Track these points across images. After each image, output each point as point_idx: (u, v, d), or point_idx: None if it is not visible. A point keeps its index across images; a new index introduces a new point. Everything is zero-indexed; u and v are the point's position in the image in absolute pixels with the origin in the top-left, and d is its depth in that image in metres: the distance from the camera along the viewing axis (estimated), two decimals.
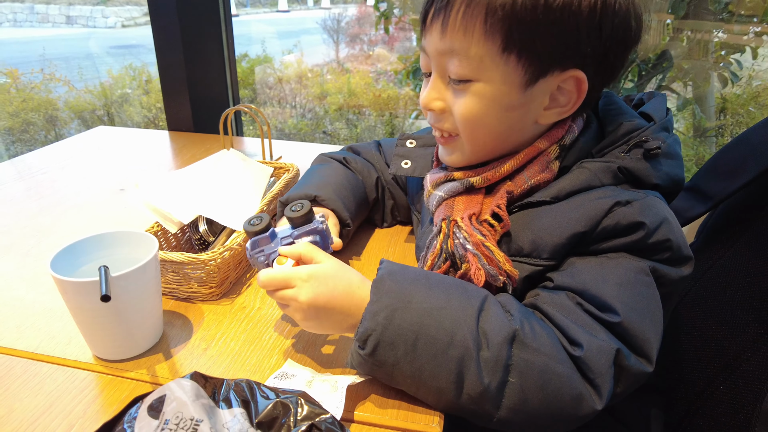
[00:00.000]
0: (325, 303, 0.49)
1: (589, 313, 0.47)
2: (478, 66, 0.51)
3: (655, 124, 0.54)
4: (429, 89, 0.56)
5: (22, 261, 0.74)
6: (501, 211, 0.52)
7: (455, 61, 0.51)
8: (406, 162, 0.70)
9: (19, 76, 3.04)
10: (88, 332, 0.54)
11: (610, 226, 0.48)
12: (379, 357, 0.45)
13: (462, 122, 0.54)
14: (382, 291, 0.46)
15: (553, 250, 0.50)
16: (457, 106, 0.54)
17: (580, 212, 0.49)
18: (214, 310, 0.64)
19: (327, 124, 3.25)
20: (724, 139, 2.45)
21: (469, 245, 0.51)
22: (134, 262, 0.52)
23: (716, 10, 2.02)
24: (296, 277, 0.50)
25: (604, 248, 0.50)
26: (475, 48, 0.50)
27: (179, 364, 0.55)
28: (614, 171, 0.52)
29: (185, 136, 1.30)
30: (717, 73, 2.13)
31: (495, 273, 0.50)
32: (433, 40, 0.53)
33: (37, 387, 0.52)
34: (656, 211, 0.49)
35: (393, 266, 0.50)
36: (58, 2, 7.16)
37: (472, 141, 0.56)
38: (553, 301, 0.49)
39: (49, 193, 0.96)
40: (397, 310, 0.45)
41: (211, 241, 0.72)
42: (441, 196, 0.58)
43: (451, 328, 0.44)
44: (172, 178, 0.76)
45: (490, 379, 0.43)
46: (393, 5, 2.64)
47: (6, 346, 0.57)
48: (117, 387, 0.52)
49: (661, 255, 0.49)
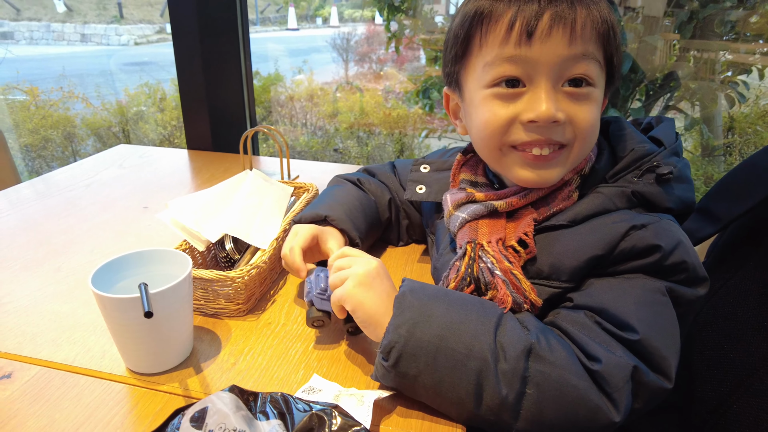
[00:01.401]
0: (382, 276, 0.55)
1: (607, 331, 0.49)
2: (600, 72, 0.55)
3: (665, 149, 0.56)
4: (547, 100, 0.52)
5: (54, 276, 0.77)
6: (528, 238, 0.54)
7: (584, 64, 0.53)
8: (421, 187, 0.72)
9: (38, 94, 3.13)
10: (124, 346, 0.57)
11: (627, 248, 0.50)
12: (402, 368, 0.48)
13: (585, 129, 0.54)
14: (404, 306, 0.49)
15: (572, 272, 0.52)
16: (582, 113, 0.54)
17: (598, 236, 0.51)
18: (241, 325, 0.66)
19: (338, 142, 3.30)
20: (732, 158, 2.47)
21: (498, 271, 0.53)
22: (167, 278, 0.55)
23: (723, 32, 2.05)
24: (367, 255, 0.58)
25: (621, 270, 0.52)
26: (599, 54, 0.54)
27: (210, 378, 0.57)
28: (628, 195, 0.54)
29: (204, 155, 1.34)
30: (724, 94, 2.16)
31: (521, 300, 0.52)
32: (555, 46, 0.51)
33: (76, 398, 0.54)
34: (671, 234, 0.51)
35: (414, 284, 0.53)
36: (73, 21, 7.34)
37: (581, 151, 0.56)
38: (571, 319, 0.51)
39: (75, 210, 1.00)
40: (418, 323, 0.48)
41: (237, 258, 0.74)
42: (464, 218, 0.60)
43: (469, 341, 0.47)
44: (199, 198, 0.79)
45: (508, 390, 0.45)
46: (404, 26, 2.70)
47: (44, 358, 0.60)
48: (151, 400, 0.54)
49: (677, 276, 0.51)
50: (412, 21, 2.73)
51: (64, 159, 3.10)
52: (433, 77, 2.73)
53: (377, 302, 0.53)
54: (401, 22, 2.72)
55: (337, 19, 6.95)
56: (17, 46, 6.75)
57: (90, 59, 6.76)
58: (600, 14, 0.53)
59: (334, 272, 0.58)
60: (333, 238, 0.71)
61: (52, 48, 7.09)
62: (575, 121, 0.54)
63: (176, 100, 3.25)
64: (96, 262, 0.80)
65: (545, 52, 0.52)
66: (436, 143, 3.14)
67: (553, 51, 0.52)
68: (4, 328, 0.65)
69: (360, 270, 0.54)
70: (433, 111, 2.81)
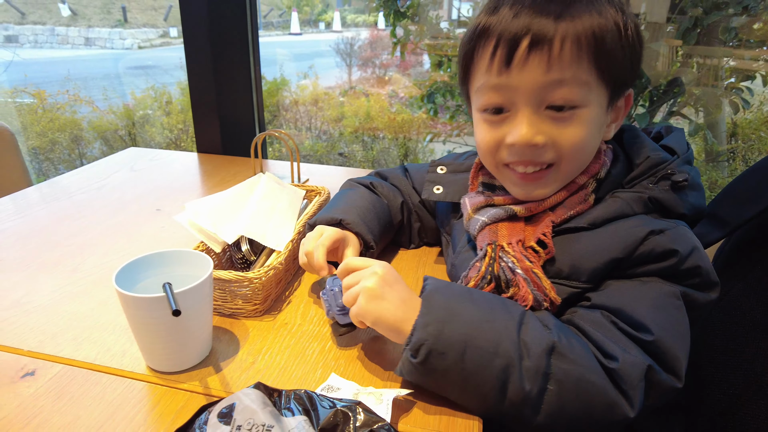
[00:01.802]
0: (393, 281, 0.54)
1: (622, 331, 0.51)
2: (585, 93, 0.54)
3: (678, 158, 0.59)
4: (527, 125, 0.55)
5: (71, 277, 0.78)
6: (546, 238, 0.56)
7: (564, 90, 0.53)
8: (438, 188, 0.74)
9: (46, 97, 3.15)
10: (147, 345, 0.58)
11: (645, 252, 0.52)
12: (430, 365, 0.49)
13: (570, 150, 0.56)
14: (431, 304, 0.51)
15: (591, 273, 0.54)
16: (566, 135, 0.55)
17: (617, 240, 0.53)
18: (258, 326, 0.67)
19: (343, 146, 3.32)
20: (736, 164, 2.48)
21: (519, 270, 0.55)
22: (187, 279, 0.56)
23: (727, 38, 2.07)
24: (372, 261, 0.57)
25: (638, 272, 0.54)
26: (584, 75, 0.53)
27: (229, 376, 0.58)
28: (645, 201, 0.56)
29: (214, 158, 1.35)
30: (729, 100, 2.17)
31: (541, 299, 0.54)
32: (532, 74, 0.53)
33: (99, 396, 0.55)
34: (687, 240, 0.53)
35: (438, 282, 0.54)
36: (78, 24, 7.39)
37: (571, 168, 0.58)
38: (588, 318, 0.53)
39: (88, 213, 1.01)
40: (446, 322, 0.49)
41: (253, 260, 0.76)
42: (484, 221, 0.61)
43: (495, 339, 0.48)
44: (215, 200, 0.80)
45: (531, 386, 0.47)
46: (409, 32, 2.72)
47: (66, 356, 0.61)
48: (173, 398, 0.55)
49: (691, 280, 0.53)
50: (417, 27, 2.76)
51: (71, 162, 3.12)
52: (438, 82, 2.75)
53: (394, 310, 0.53)
54: (407, 27, 2.74)
55: (340, 24, 7.00)
56: (22, 49, 6.80)
57: (94, 63, 6.80)
58: (592, 23, 0.52)
59: (344, 290, 0.58)
60: (352, 245, 0.72)
61: (56, 51, 7.14)
62: (558, 142, 0.56)
63: (182, 104, 3.27)
64: (111, 264, 0.82)
65: (523, 79, 0.54)
66: (440, 147, 3.16)
67: (531, 78, 0.54)
68: (25, 327, 0.66)
69: (369, 284, 0.54)
70: (437, 115, 2.82)
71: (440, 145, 3.15)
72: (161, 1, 7.82)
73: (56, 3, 7.38)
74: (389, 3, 2.66)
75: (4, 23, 7.04)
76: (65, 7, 7.40)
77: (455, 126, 3.07)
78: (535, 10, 0.52)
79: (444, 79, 2.78)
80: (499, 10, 0.54)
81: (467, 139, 3.16)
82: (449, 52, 2.79)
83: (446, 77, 2.78)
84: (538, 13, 0.52)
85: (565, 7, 0.52)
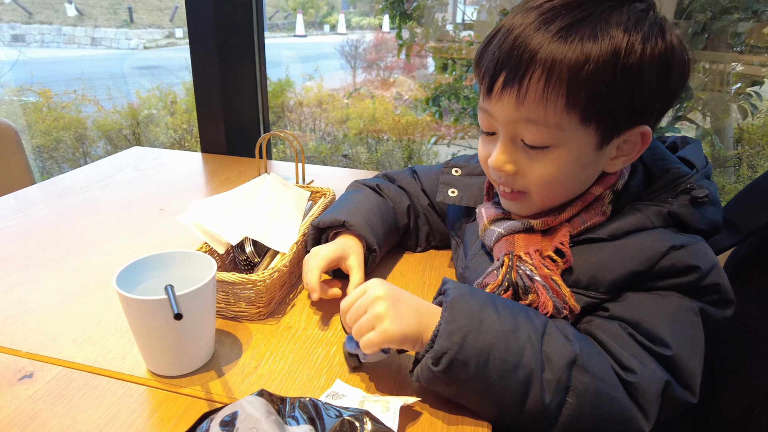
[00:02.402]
0: (398, 295, 0.53)
1: (640, 343, 0.51)
2: (557, 134, 0.52)
3: (698, 172, 0.58)
4: (499, 152, 0.56)
5: (73, 277, 0.77)
6: (564, 247, 0.55)
7: (532, 129, 0.52)
8: (453, 190, 0.73)
9: (51, 96, 3.15)
10: (147, 348, 0.57)
11: (666, 266, 0.52)
12: (452, 374, 0.48)
13: (539, 185, 0.56)
14: (455, 312, 0.49)
15: (610, 284, 0.53)
16: (534, 170, 0.55)
17: (637, 252, 0.52)
18: (262, 329, 0.66)
19: (347, 147, 3.31)
20: (742, 169, 2.46)
21: (537, 277, 0.54)
22: (189, 281, 0.55)
23: (735, 44, 2.05)
24: (366, 284, 0.55)
25: (658, 286, 0.53)
26: (555, 118, 0.51)
27: (232, 382, 0.57)
28: (665, 215, 0.55)
29: (219, 159, 1.34)
30: (737, 105, 2.16)
31: (561, 306, 0.53)
32: (505, 108, 0.53)
33: (98, 400, 0.54)
34: (708, 257, 0.53)
35: (461, 288, 0.52)
36: (84, 24, 7.43)
37: (544, 199, 0.58)
38: (607, 328, 0.52)
39: (92, 211, 1.00)
40: (470, 332, 0.48)
41: (257, 262, 0.74)
42: (500, 232, 0.60)
43: (518, 350, 0.47)
44: (219, 201, 0.79)
45: (550, 398, 0.47)
46: (415, 34, 2.72)
47: (66, 359, 0.60)
48: (173, 403, 0.54)
49: (709, 297, 0.53)
50: (423, 29, 2.75)
51: (75, 160, 3.12)
52: (443, 85, 2.74)
53: (414, 323, 0.51)
54: (413, 30, 2.73)
55: (345, 26, 7.01)
56: (28, 48, 6.84)
57: (100, 62, 6.83)
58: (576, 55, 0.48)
59: (351, 325, 0.55)
60: (354, 254, 0.71)
61: (62, 51, 7.17)
62: (527, 175, 0.56)
63: (187, 104, 3.27)
64: (114, 263, 0.81)
65: (498, 111, 0.54)
66: (444, 150, 3.14)
67: (504, 112, 0.54)
68: (24, 328, 0.65)
69: (380, 309, 0.52)
70: (442, 118, 2.81)
71: (444, 147, 3.14)
72: (167, 2, 7.85)
73: (63, 3, 7.42)
74: (396, 5, 2.65)
75: (12, 22, 7.08)
76: (72, 7, 7.43)
77: (459, 128, 3.06)
78: (522, 37, 0.50)
79: (449, 82, 2.77)
80: (497, 34, 0.54)
81: (471, 141, 3.15)
82: (454, 55, 2.78)
83: (451, 80, 2.77)
84: (524, 42, 0.50)
85: (555, 33, 0.49)
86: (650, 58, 0.50)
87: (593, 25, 0.49)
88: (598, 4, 0.50)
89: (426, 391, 0.55)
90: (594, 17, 0.49)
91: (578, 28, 0.49)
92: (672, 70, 0.52)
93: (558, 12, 0.50)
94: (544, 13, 0.51)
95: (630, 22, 0.50)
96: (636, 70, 0.49)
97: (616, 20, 0.49)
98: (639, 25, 0.50)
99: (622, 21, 0.49)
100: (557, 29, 0.49)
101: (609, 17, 0.50)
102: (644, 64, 0.49)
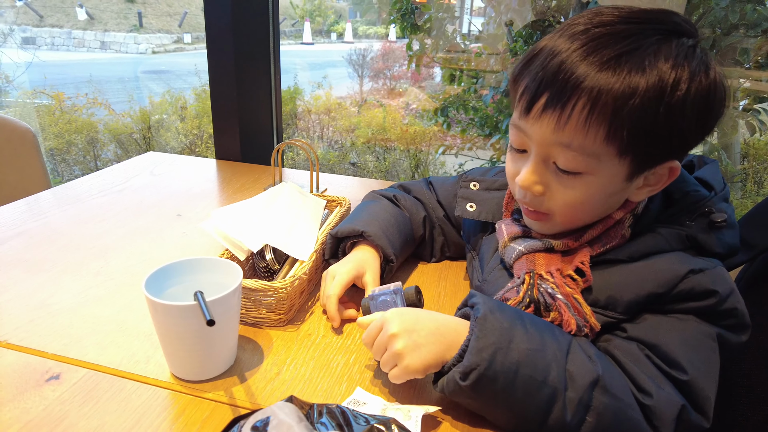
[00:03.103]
0: (413, 324, 0.53)
1: (657, 366, 0.52)
2: (592, 162, 0.52)
3: (716, 195, 0.58)
4: (529, 172, 0.56)
5: (94, 280, 0.79)
6: (585, 267, 0.56)
7: (569, 155, 0.52)
8: (471, 205, 0.74)
9: (64, 99, 3.19)
10: (173, 352, 0.58)
11: (685, 290, 0.52)
12: (478, 390, 0.49)
13: (564, 208, 0.56)
14: (486, 329, 0.50)
15: (628, 305, 0.54)
16: (562, 194, 0.55)
17: (656, 275, 0.53)
18: (282, 336, 0.67)
19: (354, 156, 3.33)
20: (749, 185, 2.47)
21: (559, 295, 0.55)
22: (215, 287, 0.56)
23: (745, 60, 2.07)
24: (381, 317, 0.55)
25: (676, 309, 0.54)
26: (593, 147, 0.51)
27: (254, 387, 0.58)
28: (683, 238, 0.56)
29: (233, 166, 1.36)
30: (744, 121, 2.17)
31: (582, 324, 0.54)
32: (543, 129, 0.53)
33: (124, 402, 0.55)
34: (726, 282, 0.53)
35: (490, 303, 0.53)
36: (94, 28, 7.51)
37: (567, 221, 0.58)
38: (625, 349, 0.53)
39: (110, 215, 1.02)
40: (500, 349, 0.49)
41: (276, 269, 0.76)
42: (520, 250, 0.61)
43: (544, 368, 0.49)
44: (239, 209, 0.81)
45: (571, 417, 0.48)
46: (424, 45, 2.75)
47: (91, 361, 0.61)
48: (197, 407, 0.55)
49: (727, 321, 0.53)
50: (433, 41, 2.78)
51: (86, 164, 3.15)
52: (451, 96, 2.77)
53: (435, 348, 0.52)
54: (422, 41, 2.76)
55: (351, 35, 7.07)
56: (39, 51, 6.91)
57: (108, 66, 6.90)
58: (621, 87, 0.48)
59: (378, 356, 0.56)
60: (370, 270, 0.73)
61: (72, 54, 7.25)
62: (554, 197, 0.56)
63: (197, 109, 3.30)
64: (134, 267, 0.82)
65: (535, 131, 0.54)
66: (452, 160, 3.16)
67: (541, 133, 0.53)
68: (50, 330, 0.66)
69: (398, 346, 0.52)
70: (450, 128, 2.83)
71: (452, 157, 3.16)
72: (176, 8, 7.93)
73: (74, 7, 7.51)
74: (406, 16, 2.68)
75: (23, 25, 7.16)
76: (83, 11, 7.52)
77: (467, 139, 3.08)
78: (569, 62, 0.50)
79: (457, 93, 2.79)
80: (539, 54, 0.53)
81: (479, 152, 3.17)
82: (463, 66, 2.81)
83: (459, 91, 2.80)
84: (570, 67, 0.50)
85: (604, 62, 0.49)
86: (694, 96, 0.49)
87: (642, 57, 0.49)
88: (647, 37, 0.50)
89: (446, 401, 0.55)
90: (642, 50, 0.49)
91: (627, 60, 0.48)
92: (712, 109, 0.52)
93: (606, 41, 0.50)
94: (592, 40, 0.50)
95: (679, 58, 0.49)
96: (680, 107, 0.49)
97: (665, 54, 0.49)
98: (687, 61, 0.49)
99: (671, 56, 0.49)
100: (606, 59, 0.49)
101: (658, 51, 0.49)
102: (688, 102, 0.49)
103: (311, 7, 7.48)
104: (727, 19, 1.95)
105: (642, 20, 0.52)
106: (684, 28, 0.52)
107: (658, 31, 0.51)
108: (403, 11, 2.65)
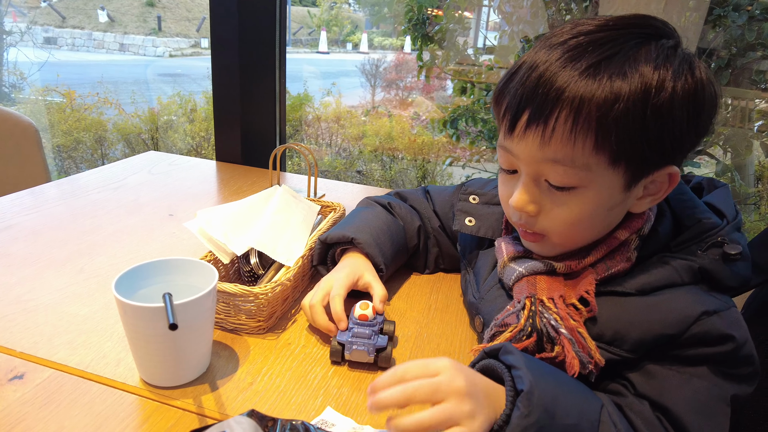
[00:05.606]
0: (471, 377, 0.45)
1: (667, 430, 0.48)
2: (584, 175, 0.50)
3: (728, 224, 0.55)
4: (521, 193, 0.54)
5: (76, 277, 0.77)
6: (590, 296, 0.52)
7: (558, 170, 0.50)
8: (470, 219, 0.71)
9: (75, 97, 3.22)
10: (142, 356, 0.55)
11: (699, 334, 0.49)
12: None
13: (562, 227, 0.53)
14: (532, 405, 0.44)
15: (635, 343, 0.51)
16: (558, 211, 0.53)
17: (667, 314, 0.50)
18: (260, 344, 0.64)
19: (362, 164, 3.32)
20: (763, 207, 2.40)
21: (563, 329, 0.51)
22: (190, 290, 0.54)
23: (760, 80, 2.03)
24: (431, 362, 0.45)
25: (688, 355, 0.50)
26: (583, 158, 0.49)
27: (225, 396, 0.55)
28: (695, 270, 0.52)
29: (233, 168, 1.34)
30: (760, 142, 2.12)
31: (586, 360, 0.50)
32: (528, 147, 0.51)
33: (87, 406, 0.53)
34: (742, 325, 0.50)
35: (533, 371, 0.46)
36: (114, 31, 7.64)
37: (565, 241, 0.55)
38: (639, 412, 0.50)
39: (102, 212, 1.00)
40: (544, 427, 0.44)
41: (261, 274, 0.73)
42: (521, 271, 0.58)
43: None
44: (227, 210, 0.78)
45: None
46: (436, 56, 2.74)
47: (59, 361, 0.58)
48: (163, 414, 0.52)
49: (743, 369, 0.50)
50: (444, 52, 2.77)
51: (93, 161, 3.17)
52: (461, 107, 2.75)
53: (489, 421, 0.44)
54: (434, 52, 2.75)
55: (367, 45, 7.11)
56: (60, 51, 7.04)
57: (126, 68, 7.01)
58: (604, 94, 0.46)
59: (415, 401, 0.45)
60: (366, 270, 0.70)
61: (91, 55, 7.38)
62: (550, 216, 0.54)
63: (206, 112, 3.32)
64: (118, 266, 0.80)
65: (522, 150, 0.52)
66: (459, 171, 3.13)
67: (528, 151, 0.51)
68: (21, 327, 0.64)
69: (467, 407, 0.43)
70: (459, 140, 2.81)
71: (459, 169, 3.13)
72: (195, 13, 8.05)
73: (96, 9, 7.65)
74: (418, 27, 2.68)
75: (46, 26, 7.31)
76: (104, 14, 7.66)
77: (475, 151, 3.06)
78: (548, 75, 0.48)
79: (467, 105, 2.77)
80: (518, 71, 0.52)
81: (486, 165, 3.14)
82: (473, 79, 2.79)
83: (469, 103, 2.78)
84: (549, 79, 0.48)
85: (583, 70, 0.47)
86: (681, 96, 0.48)
87: (622, 62, 0.47)
88: (626, 41, 0.48)
89: None
90: (622, 54, 0.47)
91: (606, 66, 0.47)
92: (702, 108, 0.50)
93: (585, 49, 0.48)
94: (571, 50, 0.48)
95: (660, 59, 0.47)
96: (667, 108, 0.47)
97: (645, 57, 0.47)
98: (668, 62, 0.48)
99: (652, 58, 0.47)
100: (585, 66, 0.47)
101: (637, 54, 0.47)
102: (675, 103, 0.47)
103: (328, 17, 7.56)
104: (744, 37, 1.91)
105: (620, 26, 0.50)
106: (663, 31, 0.51)
107: (637, 35, 0.49)
108: (415, 21, 2.65)
